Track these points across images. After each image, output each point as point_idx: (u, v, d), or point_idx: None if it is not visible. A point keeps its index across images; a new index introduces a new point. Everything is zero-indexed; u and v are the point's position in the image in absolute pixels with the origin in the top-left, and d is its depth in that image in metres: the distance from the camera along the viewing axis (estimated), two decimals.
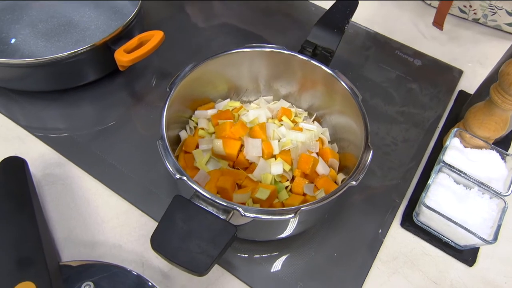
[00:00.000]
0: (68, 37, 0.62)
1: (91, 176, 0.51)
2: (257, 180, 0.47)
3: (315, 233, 0.50)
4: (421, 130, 0.61)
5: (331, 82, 0.49)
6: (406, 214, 0.52)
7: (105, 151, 0.54)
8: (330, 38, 0.52)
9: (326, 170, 0.49)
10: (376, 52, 0.71)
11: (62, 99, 0.59)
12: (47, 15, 0.65)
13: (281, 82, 0.55)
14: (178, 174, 0.39)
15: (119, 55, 0.53)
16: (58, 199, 0.49)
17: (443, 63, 0.70)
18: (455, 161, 0.51)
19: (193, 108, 0.53)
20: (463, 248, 0.49)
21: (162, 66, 0.65)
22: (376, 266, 0.48)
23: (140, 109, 0.60)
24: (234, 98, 0.57)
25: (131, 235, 0.47)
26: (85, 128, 0.56)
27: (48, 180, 0.50)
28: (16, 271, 0.38)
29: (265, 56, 0.51)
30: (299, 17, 0.76)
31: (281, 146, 0.49)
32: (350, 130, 0.49)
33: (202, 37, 0.70)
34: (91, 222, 0.48)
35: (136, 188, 0.51)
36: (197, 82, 0.50)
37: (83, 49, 0.53)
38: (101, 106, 0.59)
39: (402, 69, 0.68)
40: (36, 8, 0.65)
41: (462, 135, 0.53)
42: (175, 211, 0.37)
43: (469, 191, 0.49)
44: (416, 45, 0.72)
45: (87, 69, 0.58)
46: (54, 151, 0.53)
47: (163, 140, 0.41)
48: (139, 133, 0.57)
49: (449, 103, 0.64)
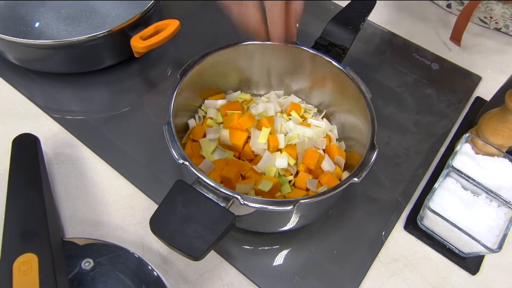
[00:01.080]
0: (89, 22, 0.64)
1: (100, 158, 0.52)
2: (261, 172, 0.47)
3: (317, 229, 0.49)
4: (433, 134, 0.60)
5: (342, 79, 0.49)
6: (410, 217, 0.51)
7: (116, 135, 0.55)
8: (344, 35, 0.52)
9: (332, 167, 0.49)
10: (392, 54, 0.70)
11: (79, 82, 0.60)
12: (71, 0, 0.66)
13: (293, 77, 0.55)
14: (181, 159, 0.39)
15: (135, 41, 0.54)
16: (66, 178, 0.50)
17: (462, 68, 0.69)
18: (465, 166, 0.50)
19: (203, 97, 0.54)
20: (467, 256, 0.48)
21: (177, 56, 0.66)
22: (376, 267, 0.47)
23: (152, 96, 0.61)
24: (245, 91, 0.57)
25: (134, 217, 0.48)
26: (99, 112, 0.58)
27: (59, 159, 0.52)
28: (20, 243, 0.39)
29: (278, 49, 0.51)
30: (318, 14, 0.75)
31: (288, 140, 0.49)
32: (357, 129, 0.49)
33: (219, 28, 0.70)
34: (96, 202, 0.49)
35: (143, 173, 0.52)
36: (209, 72, 0.51)
37: (101, 33, 0.55)
38: (115, 91, 0.60)
39: (418, 72, 0.67)
40: None
41: (474, 141, 0.52)
42: (176, 195, 0.38)
43: (477, 198, 0.48)
44: (435, 49, 0.71)
45: (104, 53, 0.59)
46: (66, 131, 0.55)
47: (170, 126, 0.42)
48: (150, 120, 0.58)
49: (465, 109, 0.63)
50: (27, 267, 0.37)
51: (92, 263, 0.41)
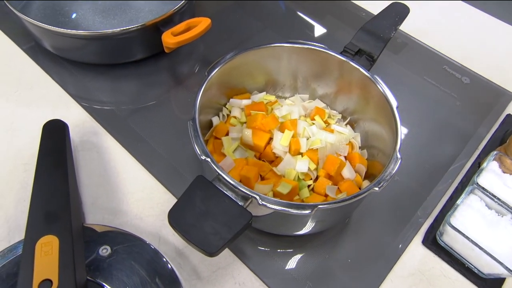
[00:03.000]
0: (123, 16, 0.65)
1: (124, 149, 0.54)
2: (281, 174, 0.47)
3: (332, 236, 0.49)
4: (458, 149, 0.58)
5: (369, 86, 0.48)
6: (429, 232, 0.50)
7: (141, 127, 0.56)
8: (374, 43, 0.51)
9: (352, 174, 0.48)
10: (422, 65, 0.68)
11: (109, 74, 0.62)
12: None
13: (319, 82, 0.55)
14: (203, 155, 0.40)
15: (166, 37, 0.55)
16: (91, 166, 0.52)
17: (493, 83, 0.67)
18: (490, 185, 0.48)
19: (228, 96, 0.54)
20: (487, 277, 0.46)
21: (206, 54, 0.67)
22: (390, 279, 0.46)
23: (179, 92, 0.62)
24: (270, 92, 0.57)
25: (153, 209, 0.49)
26: (126, 103, 0.59)
27: (85, 146, 0.53)
28: (43, 224, 0.40)
29: (306, 53, 0.51)
30: (349, 21, 0.75)
31: (309, 145, 0.49)
32: (381, 138, 0.48)
33: (250, 29, 0.71)
34: (117, 191, 0.50)
35: (164, 166, 0.52)
36: (236, 71, 0.51)
37: (134, 27, 0.56)
38: (143, 84, 0.62)
39: (448, 85, 0.66)
40: None
41: (502, 160, 0.50)
42: (195, 190, 0.38)
43: (501, 218, 0.46)
44: (467, 63, 0.69)
45: (135, 47, 0.61)
46: (94, 120, 0.56)
47: (194, 122, 0.42)
48: (175, 115, 0.59)
49: (494, 126, 0.61)
50: (48, 248, 0.38)
51: (109, 250, 0.42)
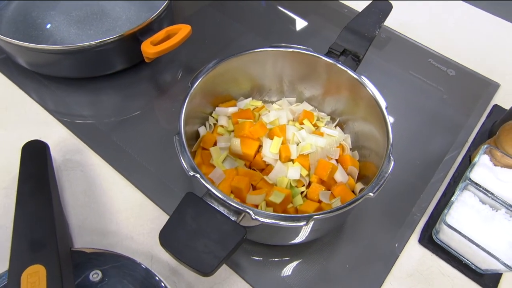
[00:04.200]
0: (100, 26, 0.63)
1: (109, 165, 0.52)
2: (273, 182, 0.46)
3: (328, 241, 0.48)
4: (449, 143, 0.58)
5: (357, 87, 0.48)
6: (425, 231, 0.50)
7: (125, 142, 0.54)
8: (359, 42, 0.51)
9: (345, 178, 0.48)
10: (407, 59, 0.68)
11: (89, 87, 0.60)
12: (82, 3, 0.66)
13: (306, 84, 0.54)
14: (192, 171, 0.39)
15: (146, 47, 0.53)
16: (75, 186, 0.50)
17: (479, 74, 0.67)
18: (483, 179, 0.48)
19: (214, 104, 0.53)
20: (484, 272, 0.46)
21: (189, 60, 0.65)
22: (389, 282, 0.46)
23: (163, 102, 0.60)
24: (256, 97, 0.56)
25: (143, 227, 0.47)
26: (108, 117, 0.57)
27: (68, 165, 0.51)
28: (28, 254, 0.38)
29: (291, 56, 0.50)
30: (331, 18, 0.74)
31: (300, 150, 0.48)
32: (372, 138, 0.48)
33: (231, 34, 0.70)
34: (105, 211, 0.48)
35: (152, 181, 0.51)
36: (220, 79, 0.50)
37: (112, 38, 0.54)
38: (125, 96, 0.60)
39: (434, 79, 0.65)
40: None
41: (492, 153, 0.50)
42: (186, 208, 0.37)
43: (496, 212, 0.46)
44: (451, 55, 0.69)
45: (114, 58, 0.59)
46: (76, 137, 0.54)
47: (180, 136, 0.41)
48: (160, 126, 0.57)
49: (482, 117, 0.61)
50: (35, 279, 0.37)
51: (100, 274, 0.41)
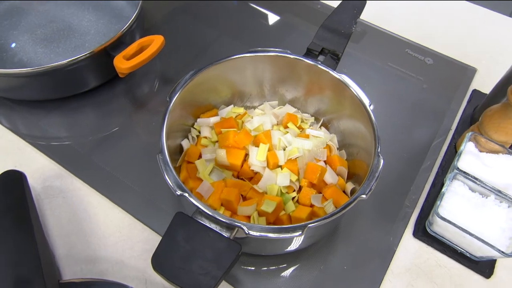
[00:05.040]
0: (68, 42, 0.60)
1: (92, 189, 0.50)
2: (263, 191, 0.45)
3: (323, 244, 0.48)
4: (433, 132, 0.58)
5: (339, 87, 0.47)
6: (418, 223, 0.50)
7: (106, 161, 0.52)
8: (336, 40, 0.50)
9: (335, 179, 0.47)
10: (384, 51, 0.68)
11: (63, 107, 0.57)
12: (46, 20, 0.63)
13: (287, 87, 0.53)
14: (179, 190, 0.37)
15: (118, 62, 0.51)
16: (58, 213, 0.48)
17: (456, 61, 0.67)
18: (470, 167, 0.48)
19: (195, 115, 0.51)
20: (479, 260, 0.47)
21: (164, 71, 0.64)
22: (388, 279, 0.46)
23: (142, 115, 0.58)
24: (238, 104, 0.55)
25: (134, 250, 0.46)
26: (86, 137, 0.55)
27: (48, 193, 0.49)
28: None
29: (269, 60, 0.49)
30: (305, 15, 0.73)
31: (287, 155, 0.47)
32: (359, 135, 0.47)
33: (205, 39, 0.68)
34: (92, 237, 0.46)
35: (138, 201, 0.49)
36: (199, 89, 0.48)
37: (82, 56, 0.52)
38: (102, 113, 0.58)
39: (412, 68, 0.65)
40: (34, 13, 0.64)
41: (477, 139, 0.51)
42: (176, 229, 0.36)
43: (486, 199, 0.46)
44: (428, 43, 0.69)
45: (87, 76, 0.56)
46: (54, 162, 0.52)
47: (163, 154, 0.39)
48: (142, 141, 0.55)
49: (462, 103, 0.62)
50: None
51: None
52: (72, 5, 0.65)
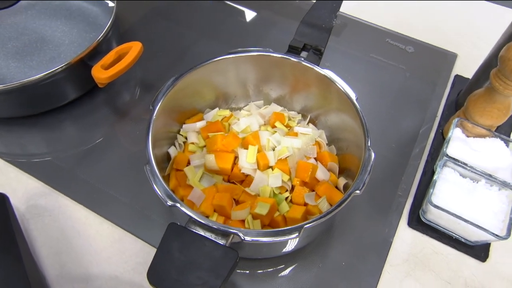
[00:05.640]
0: (41, 55, 0.58)
1: (79, 204, 0.48)
2: (255, 193, 0.44)
3: (320, 242, 0.47)
4: (419, 120, 0.58)
5: (324, 82, 0.47)
6: (412, 213, 0.50)
7: (91, 175, 0.51)
8: (318, 35, 0.49)
9: (326, 175, 0.47)
10: (365, 42, 0.68)
11: (42, 123, 0.55)
12: (16, 32, 0.61)
13: (271, 86, 0.52)
14: (170, 201, 0.36)
15: (96, 72, 0.50)
16: (46, 233, 0.46)
17: (436, 47, 0.67)
18: (459, 153, 0.49)
19: (180, 122, 0.50)
20: (474, 244, 0.47)
21: (145, 77, 0.62)
22: (387, 271, 0.46)
23: (125, 125, 0.57)
24: (222, 106, 0.54)
25: (127, 264, 0.45)
26: (69, 151, 0.53)
27: (33, 212, 0.47)
28: None
29: (252, 60, 0.48)
30: (283, 10, 0.72)
31: (277, 155, 0.46)
32: (347, 129, 0.47)
33: (184, 42, 0.67)
34: (83, 254, 0.45)
35: (128, 213, 0.48)
36: (182, 94, 0.47)
37: (58, 68, 0.50)
38: (83, 126, 0.56)
39: (394, 58, 0.66)
40: (3, 25, 0.61)
41: (463, 125, 0.51)
42: (170, 240, 0.35)
43: (477, 184, 0.47)
44: (407, 31, 0.69)
45: (65, 88, 0.55)
46: (37, 180, 0.50)
47: (151, 165, 0.38)
48: (127, 151, 0.54)
49: (446, 89, 0.62)
50: None
51: None
52: (43, 15, 0.63)
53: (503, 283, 0.45)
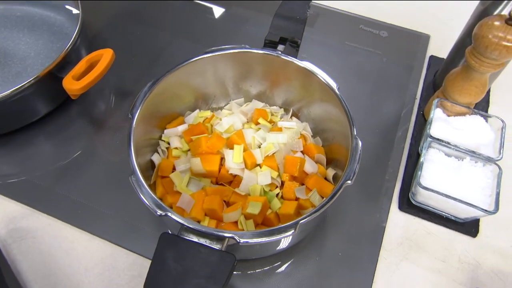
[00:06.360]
0: (6, 70, 0.55)
1: (63, 222, 0.46)
2: (245, 193, 0.44)
3: (314, 235, 0.47)
4: (399, 103, 0.59)
5: (303, 74, 0.46)
6: (402, 196, 0.50)
7: (73, 191, 0.49)
8: (293, 27, 0.49)
9: (315, 167, 0.46)
10: (340, 31, 0.68)
11: (14, 141, 0.53)
12: None
13: (251, 82, 0.51)
14: (159, 211, 0.35)
15: (68, 83, 0.48)
16: (31, 256, 0.44)
17: (409, 30, 0.68)
18: (442, 133, 0.49)
19: (161, 127, 0.49)
20: (464, 221, 0.48)
21: (120, 84, 0.60)
22: (383, 257, 0.46)
23: (104, 135, 0.55)
24: (203, 107, 0.52)
25: (121, 278, 0.43)
26: (46, 169, 0.51)
27: (15, 236, 0.45)
28: None
29: (229, 58, 0.47)
30: (254, 4, 0.71)
31: (264, 152, 0.46)
32: (332, 119, 0.46)
33: (157, 44, 0.65)
34: (73, 273, 0.43)
35: (117, 226, 0.46)
36: (161, 99, 0.46)
37: (26, 83, 0.48)
38: (59, 141, 0.54)
39: (369, 44, 0.66)
40: None
41: (443, 105, 0.51)
42: (164, 251, 0.34)
43: (462, 162, 0.47)
44: (380, 16, 0.69)
45: (35, 104, 0.52)
46: (15, 201, 0.48)
47: (136, 175, 0.37)
48: (108, 162, 0.52)
49: (423, 71, 0.63)
50: None
51: None
52: (3, 28, 0.60)
53: (494, 255, 0.46)
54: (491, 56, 0.44)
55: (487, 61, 0.45)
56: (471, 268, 0.45)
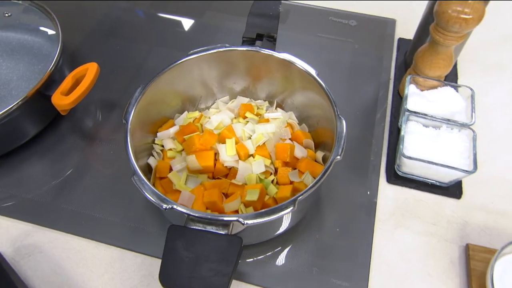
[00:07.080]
0: None
1: (69, 234, 0.47)
2: (242, 183, 0.46)
3: (311, 216, 0.49)
4: (376, 85, 0.62)
5: (283, 65, 0.49)
6: (389, 170, 0.53)
7: (74, 203, 0.50)
8: (268, 23, 0.51)
9: (304, 152, 0.49)
10: (311, 24, 0.71)
11: (9, 163, 0.54)
12: None
13: (234, 79, 0.54)
14: (165, 204, 0.37)
15: (57, 99, 0.49)
16: (41, 270, 0.45)
17: (376, 17, 0.72)
18: (418, 106, 0.53)
19: (153, 132, 0.50)
20: (448, 185, 0.51)
21: (105, 97, 0.61)
22: (379, 227, 0.49)
23: (96, 148, 0.56)
24: (190, 109, 0.54)
25: (132, 280, 0.44)
26: (44, 186, 0.52)
27: (23, 253, 0.46)
28: None
29: (212, 58, 0.49)
30: (226, 10, 0.74)
31: (255, 143, 0.48)
32: (315, 105, 0.49)
33: (137, 56, 0.67)
34: (85, 282, 0.44)
35: (121, 231, 0.48)
36: (151, 103, 0.47)
37: (15, 105, 0.49)
38: (53, 158, 0.55)
39: (340, 33, 0.69)
40: None
41: (416, 80, 0.55)
42: (174, 242, 0.35)
43: (439, 130, 0.51)
44: (347, 7, 0.73)
45: (25, 125, 0.53)
46: (18, 220, 0.48)
47: (138, 175, 0.39)
48: (103, 173, 0.53)
49: (393, 53, 0.66)
50: None
51: None
52: None
53: (480, 212, 0.50)
54: (453, 29, 0.47)
55: (450, 34, 0.48)
56: (460, 227, 0.48)
